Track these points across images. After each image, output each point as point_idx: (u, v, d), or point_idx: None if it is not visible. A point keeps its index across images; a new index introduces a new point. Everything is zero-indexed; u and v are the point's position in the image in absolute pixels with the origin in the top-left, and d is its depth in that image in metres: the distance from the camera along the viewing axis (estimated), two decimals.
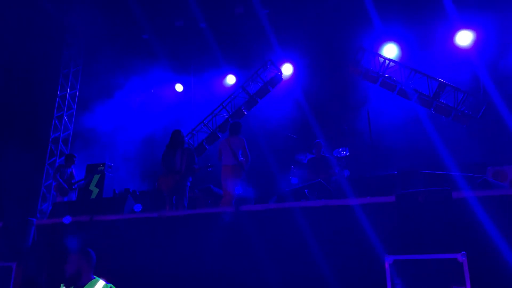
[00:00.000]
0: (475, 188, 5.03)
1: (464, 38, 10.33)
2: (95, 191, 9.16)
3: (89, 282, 3.93)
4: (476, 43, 10.21)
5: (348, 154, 9.64)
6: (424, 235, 4.27)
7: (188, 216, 5.76)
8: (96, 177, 9.29)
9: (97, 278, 4.02)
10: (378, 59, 10.29)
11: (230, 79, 12.74)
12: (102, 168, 9.18)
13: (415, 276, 3.94)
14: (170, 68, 12.67)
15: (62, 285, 3.94)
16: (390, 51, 10.93)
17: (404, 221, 4.45)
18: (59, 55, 12.88)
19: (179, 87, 13.25)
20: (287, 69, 11.80)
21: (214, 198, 8.45)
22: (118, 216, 6.26)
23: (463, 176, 5.50)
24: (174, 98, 13.28)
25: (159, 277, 5.30)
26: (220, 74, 12.68)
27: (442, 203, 4.34)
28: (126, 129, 12.37)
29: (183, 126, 11.02)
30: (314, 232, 4.86)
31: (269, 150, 10.87)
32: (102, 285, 3.94)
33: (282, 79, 11.45)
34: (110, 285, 3.98)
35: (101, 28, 12.11)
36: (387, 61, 10.22)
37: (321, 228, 4.88)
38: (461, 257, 3.78)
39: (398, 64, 10.23)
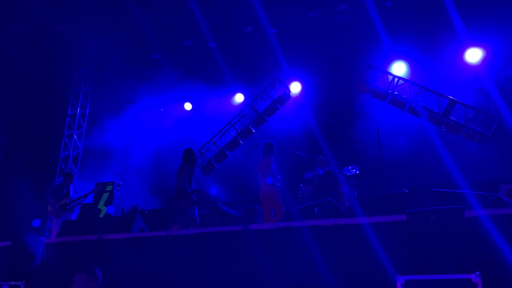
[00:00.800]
0: (488, 206, 4.93)
1: (473, 55, 10.33)
2: (104, 209, 9.17)
3: None
4: (485, 60, 10.19)
5: (358, 172, 9.57)
6: (437, 255, 4.18)
7: (197, 235, 5.71)
8: (105, 196, 9.30)
9: None
10: (387, 76, 10.28)
11: (239, 98, 12.83)
12: (111, 186, 9.20)
13: None
14: (179, 87, 12.80)
15: None
16: (399, 69, 10.94)
17: (415, 240, 4.36)
18: (70, 75, 13.11)
19: (188, 106, 13.34)
20: (295, 87, 11.86)
21: (222, 217, 8.40)
22: (126, 234, 6.22)
23: (476, 194, 5.40)
24: (183, 117, 13.37)
25: None
26: (228, 93, 12.77)
27: (455, 222, 4.25)
28: (136, 147, 12.44)
29: (192, 144, 11.08)
30: (324, 251, 4.78)
31: (278, 168, 10.83)
32: None
33: (291, 97, 11.47)
34: None
35: (111, 47, 12.33)
36: (396, 79, 10.20)
37: (331, 248, 4.80)
38: (475, 277, 3.67)
39: (407, 81, 10.20)
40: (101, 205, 9.23)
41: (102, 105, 12.88)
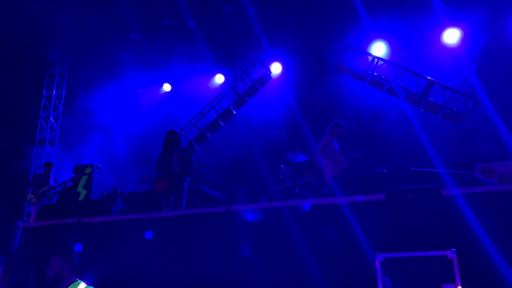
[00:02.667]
0: (464, 185, 5.05)
1: (452, 36, 10.42)
2: (83, 193, 9.04)
3: (71, 285, 3.86)
4: (463, 40, 10.30)
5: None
6: (414, 233, 4.27)
7: (178, 217, 5.70)
8: (84, 179, 9.17)
9: (79, 281, 3.95)
10: (367, 57, 10.32)
11: (219, 79, 12.69)
12: (90, 169, 9.06)
13: (405, 274, 3.94)
14: (158, 68, 12.58)
15: None
16: (379, 49, 10.98)
17: (394, 218, 4.45)
18: (44, 55, 12.71)
19: (167, 87, 13.16)
20: (276, 68, 11.78)
21: (204, 198, 8.39)
22: (106, 217, 6.17)
23: (452, 173, 5.52)
24: (162, 98, 13.19)
25: (149, 278, 5.24)
26: (208, 73, 12.62)
27: (432, 200, 4.34)
28: (114, 129, 12.25)
29: (172, 126, 10.95)
30: (305, 230, 4.84)
31: (259, 149, 10.85)
32: None
33: (271, 78, 11.42)
34: (91, 287, 3.91)
35: (88, 27, 11.97)
36: (375, 60, 10.25)
37: (312, 227, 4.86)
38: (451, 254, 3.78)
39: (386, 62, 10.26)
40: (80, 188, 9.09)
41: (79, 87, 12.58)
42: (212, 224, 5.32)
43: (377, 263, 3.98)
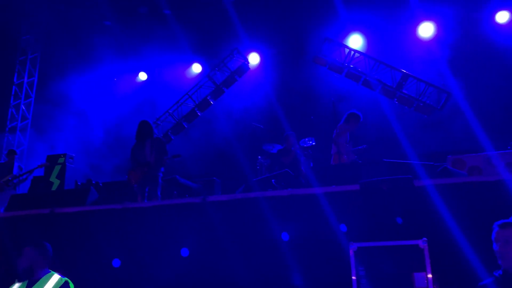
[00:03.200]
0: (435, 176, 5.18)
1: (426, 29, 10.60)
2: (56, 182, 8.87)
3: (44, 276, 3.80)
4: (437, 34, 10.50)
5: (314, 144, 9.74)
6: (387, 223, 4.37)
7: (154, 208, 5.65)
8: (57, 168, 8.99)
9: (52, 272, 3.90)
10: (344, 49, 10.41)
11: (196, 68, 12.55)
12: (63, 159, 8.88)
13: (378, 263, 4.03)
14: (133, 56, 12.36)
15: (16, 280, 3.80)
16: (356, 41, 11.06)
17: (368, 209, 4.54)
18: (15, 41, 12.31)
19: (143, 75, 12.96)
20: (254, 59, 11.73)
21: (180, 189, 8.35)
22: (80, 208, 6.07)
23: (425, 164, 5.65)
24: (138, 87, 12.99)
25: (123, 270, 5.20)
26: (185, 63, 12.48)
27: (405, 191, 4.45)
28: (88, 118, 12.02)
29: (147, 115, 10.80)
30: (281, 221, 4.88)
31: (236, 140, 10.84)
32: (56, 280, 3.82)
33: (249, 68, 11.38)
34: (65, 279, 3.86)
35: (61, 14, 11.63)
36: (352, 52, 10.36)
37: (288, 217, 4.91)
38: (422, 243, 3.89)
39: (362, 55, 10.38)
40: (53, 178, 8.91)
41: (52, 74, 12.25)
42: (188, 215, 5.30)
43: (351, 252, 4.06)
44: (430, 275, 3.76)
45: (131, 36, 12.05)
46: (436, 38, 10.51)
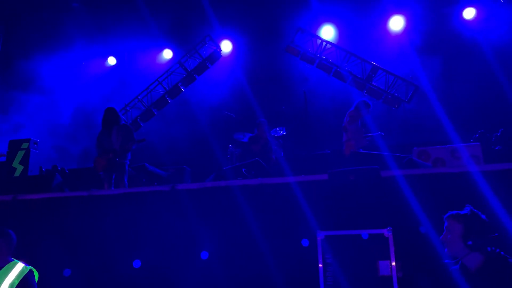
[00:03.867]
0: (401, 167, 5.31)
1: (396, 23, 10.80)
2: (19, 168, 8.58)
3: (7, 265, 3.69)
4: (407, 28, 10.72)
5: (285, 133, 9.80)
6: (355, 212, 4.46)
7: (120, 195, 5.56)
8: (21, 154, 8.70)
9: (16, 260, 3.79)
10: (316, 40, 10.47)
11: (167, 54, 12.31)
12: (27, 144, 8.60)
13: (344, 251, 4.11)
14: (102, 40, 12.01)
15: None
16: (328, 32, 11.14)
17: (336, 198, 4.61)
18: None
19: (111, 60, 12.63)
20: (226, 46, 11.63)
21: (149, 176, 8.24)
22: (45, 195, 5.90)
23: (392, 155, 5.78)
24: (107, 71, 12.66)
25: (89, 258, 5.10)
26: (156, 48, 12.23)
27: (372, 181, 4.54)
28: (55, 103, 11.65)
29: (116, 101, 10.57)
30: (251, 209, 4.90)
31: (208, 129, 10.77)
32: (20, 268, 3.72)
33: (221, 56, 11.28)
34: (30, 267, 3.76)
35: None
36: (324, 43, 10.43)
37: (258, 206, 4.93)
38: (387, 232, 3.99)
39: (334, 46, 10.47)
40: (16, 164, 8.62)
41: (17, 56, 11.76)
42: (157, 203, 5.24)
43: (318, 241, 4.13)
44: (394, 263, 3.87)
45: (100, 19, 11.69)
46: (405, 32, 10.73)
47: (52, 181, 6.49)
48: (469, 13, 10.44)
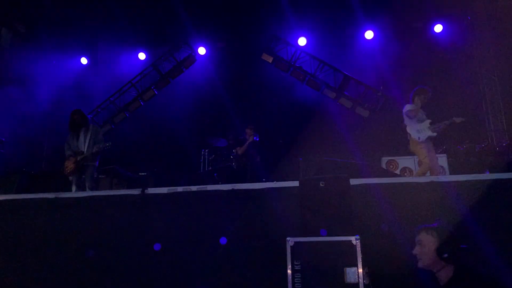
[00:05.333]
0: (370, 175, 5.41)
1: (368, 35, 11.11)
2: None
3: None
4: (378, 40, 11.03)
5: (258, 140, 9.84)
6: (324, 219, 4.51)
7: (90, 198, 5.44)
8: None
9: None
10: (290, 48, 10.60)
11: (141, 56, 12.19)
12: None
13: (313, 258, 4.15)
14: (74, 39, 11.76)
15: None
16: (302, 41, 11.29)
17: (306, 205, 4.65)
18: None
19: (83, 60, 12.40)
20: (201, 51, 11.62)
21: (119, 179, 8.12)
22: (8, 196, 5.72)
23: (361, 164, 5.89)
24: (78, 71, 12.40)
25: (54, 263, 4.96)
26: (129, 50, 12.08)
27: (341, 189, 4.61)
28: (23, 103, 11.29)
29: (87, 103, 10.36)
30: (222, 215, 4.88)
31: (180, 132, 10.68)
32: None
33: (196, 60, 11.25)
34: None
35: None
36: (298, 52, 10.56)
37: (229, 212, 4.92)
38: (355, 240, 4.05)
39: (308, 55, 10.61)
40: None
41: None
42: (126, 207, 5.15)
43: (288, 247, 4.15)
44: (361, 270, 3.93)
45: (73, 18, 11.43)
46: (377, 44, 11.03)
47: (16, 182, 6.33)
48: (437, 28, 10.88)
